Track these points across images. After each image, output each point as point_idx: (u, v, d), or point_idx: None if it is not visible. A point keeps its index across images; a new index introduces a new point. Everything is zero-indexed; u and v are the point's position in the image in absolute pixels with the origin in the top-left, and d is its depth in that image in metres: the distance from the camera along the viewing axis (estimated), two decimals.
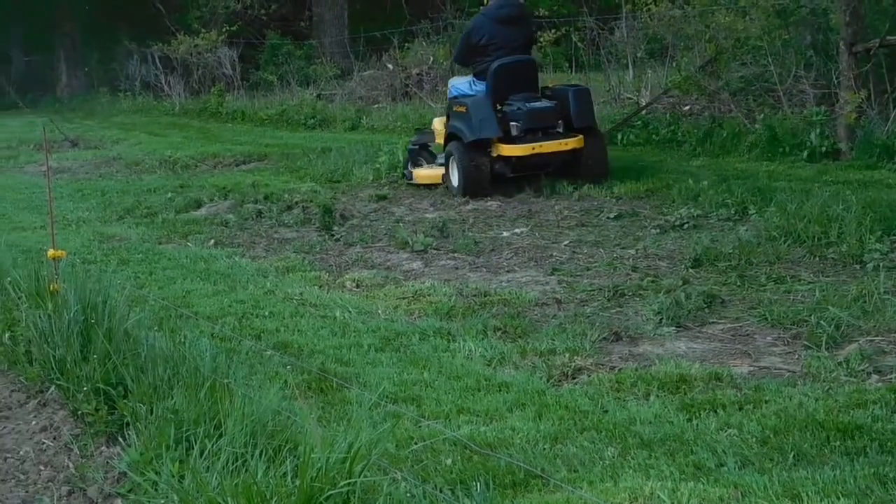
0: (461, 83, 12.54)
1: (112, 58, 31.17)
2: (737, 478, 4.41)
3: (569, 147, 11.68)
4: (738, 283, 7.56)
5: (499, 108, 11.96)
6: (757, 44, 14.00)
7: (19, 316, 6.40)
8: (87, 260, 9.31)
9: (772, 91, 13.96)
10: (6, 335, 6.39)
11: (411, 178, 12.78)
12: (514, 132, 11.69)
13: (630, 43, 17.56)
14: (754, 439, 4.81)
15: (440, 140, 12.81)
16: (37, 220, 11.83)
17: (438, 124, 13.10)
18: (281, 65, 26.20)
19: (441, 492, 4.34)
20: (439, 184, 12.37)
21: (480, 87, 12.16)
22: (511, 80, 11.99)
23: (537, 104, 11.85)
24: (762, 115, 13.44)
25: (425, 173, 12.66)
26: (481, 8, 12.74)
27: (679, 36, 15.78)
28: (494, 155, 11.77)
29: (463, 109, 11.89)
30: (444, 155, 12.40)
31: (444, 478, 4.54)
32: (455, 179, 11.93)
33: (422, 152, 12.94)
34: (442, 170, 12.32)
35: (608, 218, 10.19)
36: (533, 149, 11.60)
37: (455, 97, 12.34)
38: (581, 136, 11.76)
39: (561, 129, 11.82)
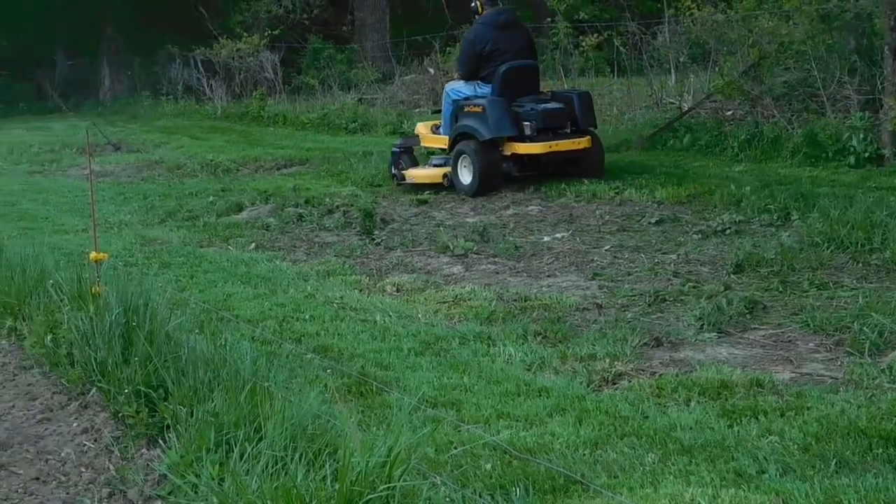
0: (462, 86, 12.91)
1: (155, 62, 31.30)
2: (778, 485, 4.38)
3: (580, 146, 12.23)
4: (781, 289, 7.51)
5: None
6: (800, 48, 13.91)
7: (61, 318, 6.43)
8: (129, 263, 9.36)
9: (815, 96, 13.86)
10: (48, 337, 6.42)
11: (403, 179, 13.05)
12: (527, 131, 12.13)
13: (672, 47, 17.52)
14: (796, 446, 4.78)
15: (426, 143, 13.36)
16: (79, 223, 11.90)
17: (423, 128, 13.69)
18: (322, 69, 26.25)
19: (480, 497, 4.33)
20: (436, 184, 12.61)
21: (485, 89, 12.56)
22: (517, 82, 12.47)
23: (549, 105, 12.35)
24: (801, 121, 13.35)
25: (423, 173, 12.92)
26: (476, 17, 12.96)
27: (722, 40, 15.75)
28: (507, 154, 12.26)
29: (479, 109, 12.30)
30: (439, 157, 12.86)
31: (484, 483, 4.53)
32: (465, 178, 12.26)
33: (403, 155, 13.19)
34: (439, 170, 12.66)
35: (649, 223, 10.15)
36: (550, 147, 12.10)
37: (466, 98, 12.66)
38: (589, 137, 12.31)
39: (569, 130, 12.33)
